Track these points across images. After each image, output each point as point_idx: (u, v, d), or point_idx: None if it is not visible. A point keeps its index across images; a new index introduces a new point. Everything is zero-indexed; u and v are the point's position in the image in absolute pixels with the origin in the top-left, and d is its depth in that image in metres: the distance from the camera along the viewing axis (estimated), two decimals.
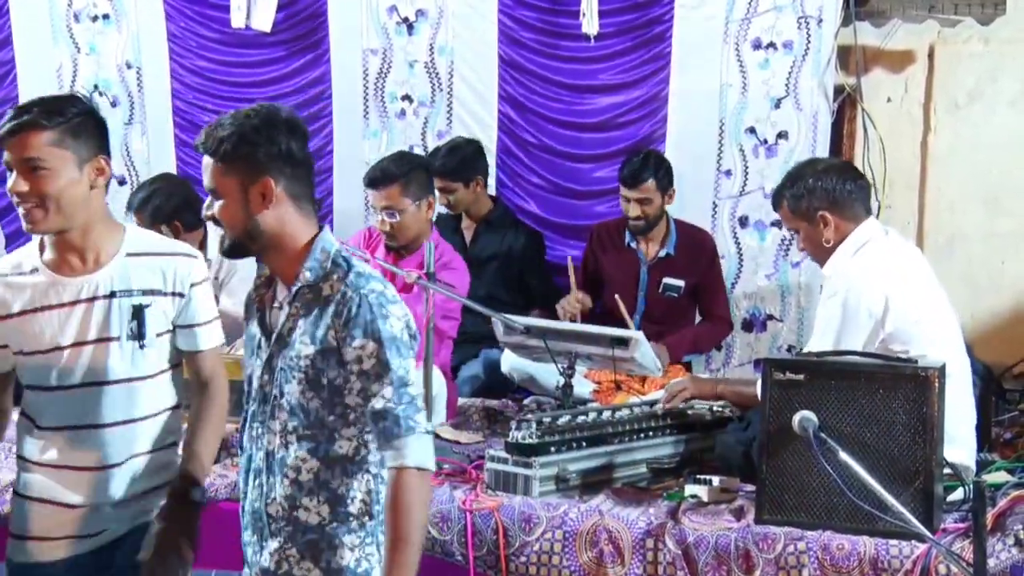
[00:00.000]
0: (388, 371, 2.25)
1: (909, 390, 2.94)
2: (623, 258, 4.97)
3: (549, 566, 3.07)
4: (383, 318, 2.26)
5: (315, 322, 2.30)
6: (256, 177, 2.35)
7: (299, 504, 2.33)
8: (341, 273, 2.31)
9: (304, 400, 2.31)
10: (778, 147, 5.09)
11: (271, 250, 2.37)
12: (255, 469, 2.39)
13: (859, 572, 2.85)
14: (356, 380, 2.27)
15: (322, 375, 2.29)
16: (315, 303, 2.31)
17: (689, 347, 4.90)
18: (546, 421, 3.44)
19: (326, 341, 2.28)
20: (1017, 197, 4.96)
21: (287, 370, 2.32)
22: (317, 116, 5.73)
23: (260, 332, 2.40)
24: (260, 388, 2.37)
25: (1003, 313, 4.97)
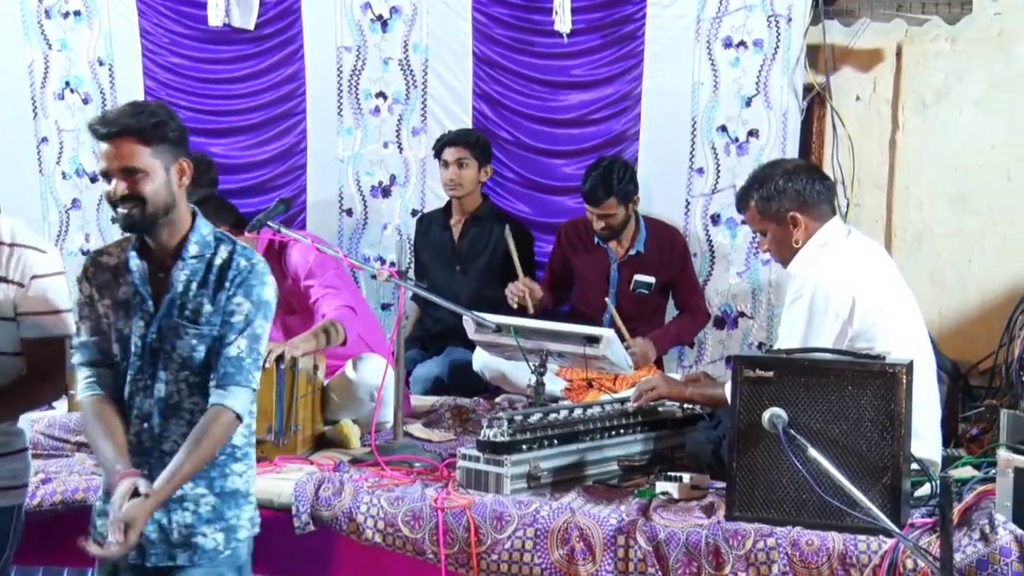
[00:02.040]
0: (250, 326, 2.63)
1: (877, 387, 2.95)
2: (593, 257, 4.96)
3: (520, 564, 3.06)
4: (262, 285, 2.65)
5: (210, 285, 2.64)
6: (178, 157, 2.67)
7: None
8: (229, 245, 2.69)
9: (196, 352, 2.63)
10: (749, 145, 5.10)
11: (169, 225, 2.66)
12: (143, 414, 2.62)
13: (828, 568, 2.86)
14: (223, 328, 2.61)
15: (214, 329, 2.62)
16: (208, 270, 2.66)
17: (673, 340, 4.92)
18: (518, 419, 3.43)
19: (216, 300, 2.63)
20: (983, 195, 4.98)
21: (180, 327, 2.63)
22: (291, 113, 5.70)
23: (143, 296, 2.64)
24: (146, 345, 2.63)
25: (969, 311, 4.99)
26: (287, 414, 3.67)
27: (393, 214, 5.61)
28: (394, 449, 3.67)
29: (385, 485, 3.33)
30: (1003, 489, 2.86)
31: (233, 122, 5.80)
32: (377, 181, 5.62)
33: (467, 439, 3.99)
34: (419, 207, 5.56)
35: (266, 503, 3.27)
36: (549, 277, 5.11)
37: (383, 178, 5.61)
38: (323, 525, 3.22)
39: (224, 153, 5.68)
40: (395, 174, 5.59)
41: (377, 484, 3.34)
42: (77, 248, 6.01)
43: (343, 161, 5.65)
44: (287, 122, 5.72)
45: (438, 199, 5.45)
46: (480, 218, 5.22)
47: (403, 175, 5.59)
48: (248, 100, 5.76)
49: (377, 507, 3.20)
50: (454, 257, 5.21)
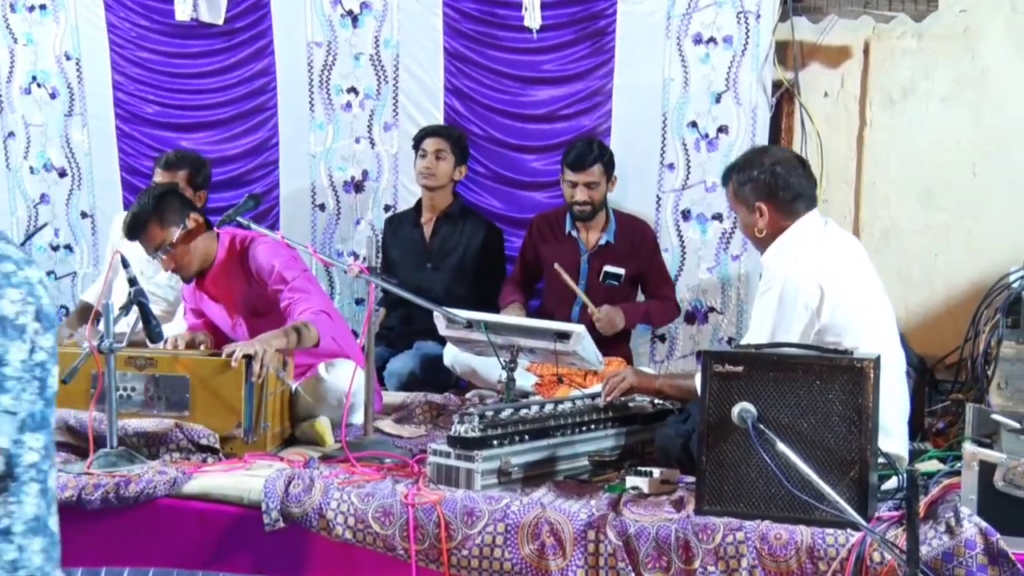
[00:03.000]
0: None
1: (845, 381, 2.95)
2: (563, 247, 4.96)
3: (491, 559, 3.05)
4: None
5: None
6: None
7: None
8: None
9: None
10: (719, 141, 5.10)
11: None
12: None
13: (796, 561, 2.86)
14: None
15: None
16: None
17: (642, 316, 4.92)
18: (488, 415, 3.41)
19: None
20: (949, 191, 5.01)
21: None
22: (262, 108, 5.67)
23: None
24: None
25: (936, 305, 5.03)
26: (256, 412, 3.64)
27: (366, 209, 5.59)
28: (365, 445, 3.64)
29: (355, 481, 3.32)
30: (968, 482, 2.86)
31: (203, 117, 5.76)
32: (349, 176, 5.60)
33: (438, 435, 3.98)
34: (392, 203, 5.55)
35: (236, 500, 3.28)
36: (520, 270, 5.10)
37: (355, 173, 5.59)
38: (293, 522, 3.19)
39: (195, 148, 5.62)
40: (367, 169, 5.58)
41: (347, 480, 3.32)
42: (46, 243, 5.96)
43: (315, 156, 5.62)
44: (258, 117, 5.68)
45: (411, 194, 5.44)
46: (451, 216, 5.22)
47: (375, 170, 5.57)
48: (218, 95, 5.72)
49: (347, 503, 3.18)
50: (425, 255, 5.20)
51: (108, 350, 3.47)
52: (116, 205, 5.79)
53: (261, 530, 3.20)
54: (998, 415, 3.28)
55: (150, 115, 5.81)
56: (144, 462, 3.50)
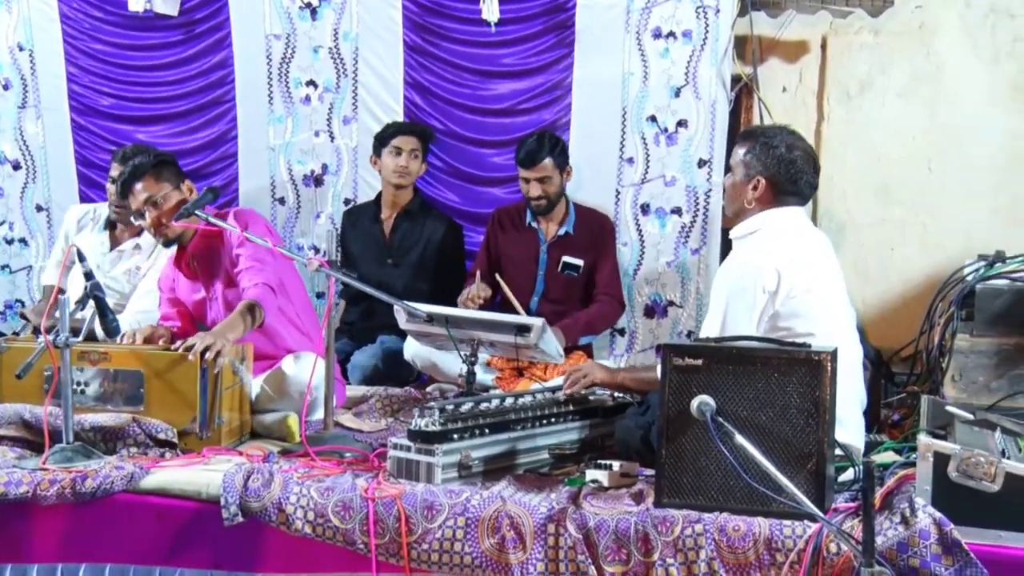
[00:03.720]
0: None
1: (803, 374, 2.96)
2: (523, 238, 4.97)
3: (451, 552, 3.04)
4: None
5: None
6: None
7: None
8: None
9: None
10: (678, 135, 5.12)
11: None
12: None
13: (754, 552, 2.87)
14: None
15: None
16: None
17: (583, 329, 4.90)
18: (449, 408, 3.41)
19: None
20: (905, 186, 5.06)
21: None
22: (220, 101, 5.63)
23: None
24: None
25: (892, 299, 5.07)
26: (211, 406, 3.62)
27: (326, 203, 5.57)
28: (324, 439, 3.64)
29: (315, 475, 3.30)
30: (923, 473, 2.89)
31: (160, 109, 5.71)
32: (309, 170, 5.57)
33: (398, 429, 3.97)
34: (352, 196, 5.53)
35: (194, 495, 3.25)
36: (483, 263, 5.08)
37: (315, 167, 5.56)
38: (252, 516, 3.17)
39: (152, 140, 5.59)
40: (327, 163, 5.55)
41: (307, 475, 3.30)
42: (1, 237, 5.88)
43: (274, 150, 5.58)
44: (216, 110, 5.64)
45: (371, 188, 5.42)
46: (411, 212, 5.21)
47: (335, 164, 5.54)
48: (176, 88, 5.67)
49: (307, 498, 3.16)
50: (386, 251, 5.19)
51: (63, 344, 3.43)
52: (72, 198, 5.72)
53: (219, 525, 3.17)
54: (952, 407, 3.32)
55: (105, 107, 5.74)
56: (101, 457, 3.46)
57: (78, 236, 4.87)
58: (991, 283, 3.69)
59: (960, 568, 2.74)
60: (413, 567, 3.06)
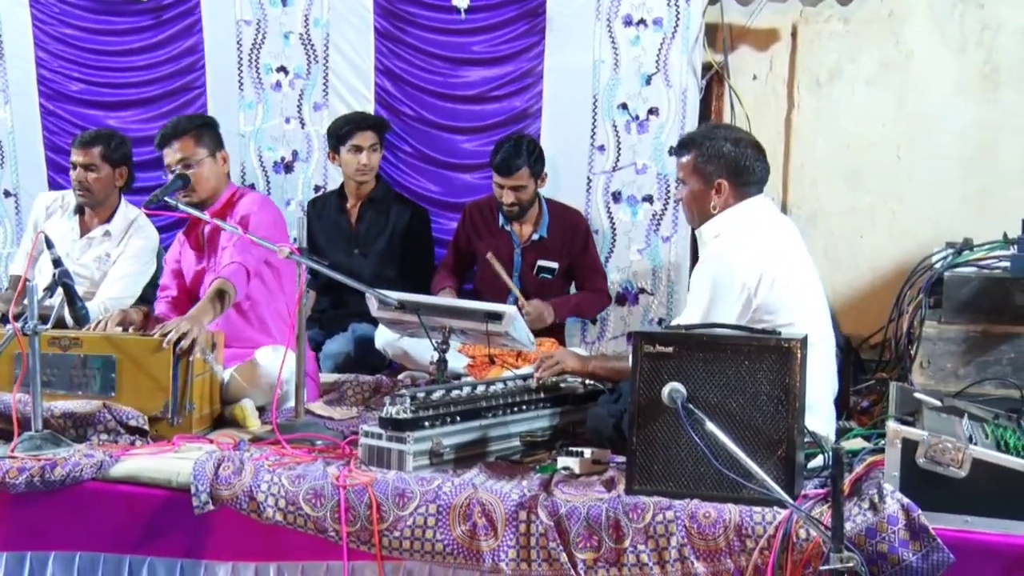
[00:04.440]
0: None
1: (772, 361, 2.97)
2: (497, 241, 4.95)
3: (423, 540, 3.04)
4: None
5: None
6: None
7: None
8: None
9: None
10: (649, 123, 5.12)
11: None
12: None
13: (724, 539, 2.88)
14: None
15: None
16: None
17: (572, 309, 4.93)
18: (420, 396, 3.40)
19: None
20: (875, 173, 5.08)
21: None
22: (190, 87, 5.60)
23: None
24: None
25: (861, 286, 5.10)
26: (181, 393, 3.61)
27: (296, 190, 5.54)
28: (295, 427, 3.62)
29: (286, 463, 3.29)
30: (891, 460, 2.89)
31: (130, 95, 5.66)
32: (279, 157, 5.55)
33: (369, 416, 3.96)
34: (322, 183, 5.50)
35: (164, 483, 3.23)
36: (453, 257, 5.07)
37: (285, 154, 5.53)
38: (223, 504, 3.15)
39: (122, 126, 5.54)
40: (297, 150, 5.52)
41: (278, 462, 3.29)
42: None
43: (244, 136, 5.54)
44: (186, 95, 5.60)
45: (341, 176, 5.38)
46: (375, 200, 5.18)
47: (305, 151, 5.52)
48: (145, 73, 5.63)
49: (278, 485, 3.14)
50: (352, 240, 5.16)
51: (32, 331, 3.40)
52: (40, 184, 5.66)
53: (190, 513, 3.15)
54: (920, 394, 3.33)
55: (75, 93, 5.68)
56: (70, 445, 3.43)
57: (47, 223, 4.81)
58: (959, 271, 3.70)
59: (927, 553, 2.76)
60: (384, 554, 3.06)
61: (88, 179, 4.69)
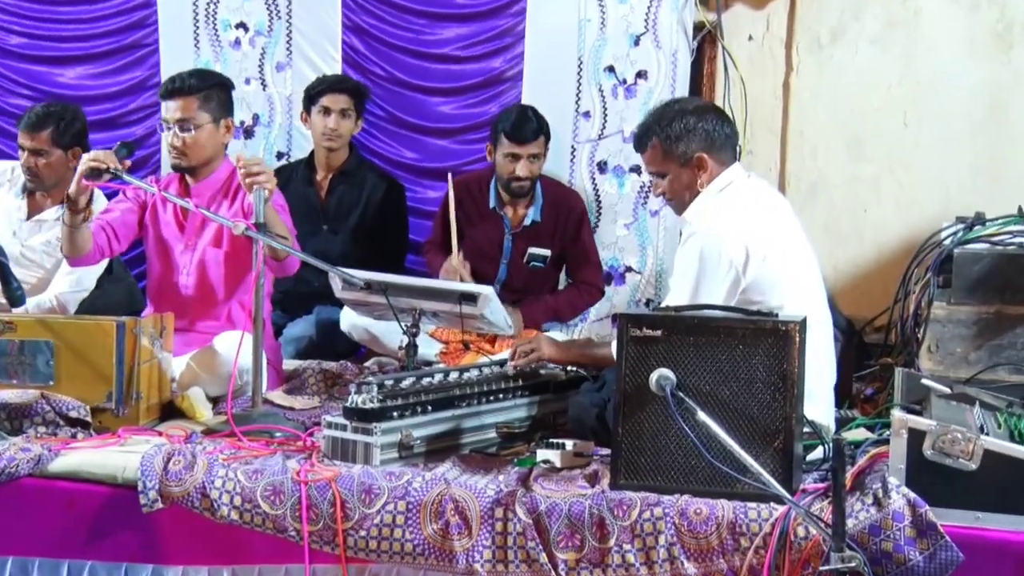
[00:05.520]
0: None
1: (769, 345, 2.96)
2: (487, 224, 4.89)
3: (391, 539, 3.02)
4: None
5: None
6: None
7: None
8: None
9: None
10: (637, 87, 5.09)
11: None
12: None
13: (717, 537, 2.88)
14: None
15: None
16: None
17: (549, 315, 4.89)
18: (388, 384, 3.39)
19: None
20: (879, 140, 5.06)
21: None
22: (140, 44, 5.55)
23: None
24: None
25: (865, 263, 5.09)
26: (127, 381, 3.58)
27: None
28: (252, 418, 3.59)
29: (242, 457, 3.27)
30: (897, 451, 2.89)
31: (75, 49, 5.61)
32: (239, 121, 5.46)
33: (333, 406, 3.95)
34: (285, 150, 5.47)
35: (108, 479, 3.21)
36: (441, 233, 4.98)
37: (245, 117, 5.49)
38: (173, 502, 3.13)
39: (69, 83, 5.53)
40: (259, 113, 5.49)
41: (233, 456, 3.27)
42: None
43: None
44: (136, 53, 5.56)
45: (307, 141, 5.36)
46: (347, 172, 5.15)
47: (267, 115, 5.48)
48: (91, 26, 5.58)
49: (233, 481, 3.13)
50: (321, 216, 5.12)
51: None
52: None
53: (137, 512, 3.13)
54: (928, 380, 3.34)
55: (14, 47, 5.64)
56: (4, 438, 3.39)
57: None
58: (970, 247, 3.71)
59: (935, 552, 2.76)
60: (349, 555, 3.04)
61: (37, 165, 4.63)
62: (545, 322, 4.88)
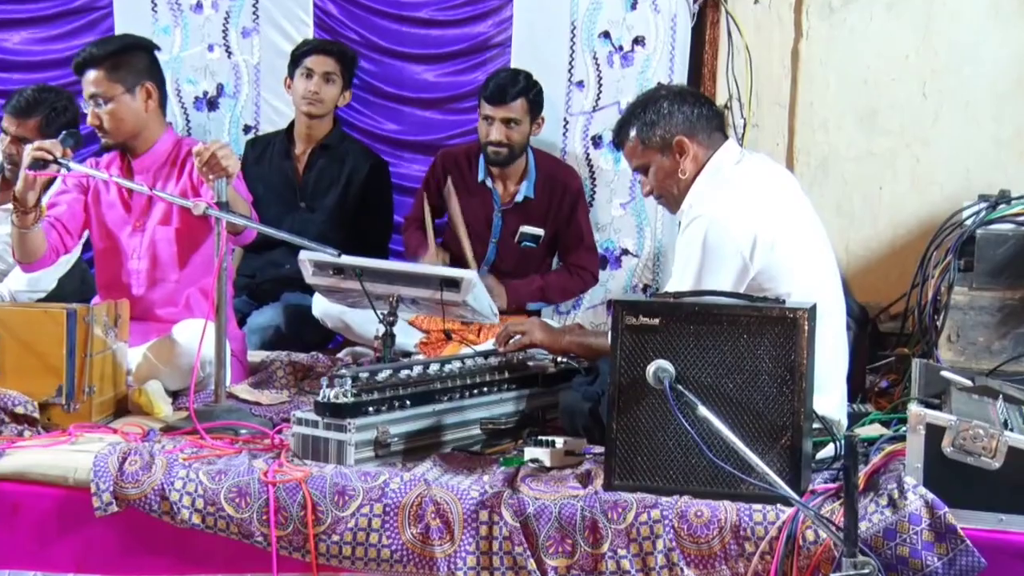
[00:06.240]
0: None
1: (775, 335, 2.96)
2: (474, 200, 4.91)
3: (367, 545, 3.03)
4: None
5: None
6: None
7: None
8: None
9: None
10: (634, 55, 5.12)
11: None
12: None
13: (719, 541, 2.89)
14: None
15: None
16: None
17: (536, 294, 4.91)
18: (363, 377, 3.39)
19: None
20: (896, 113, 5.07)
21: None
22: (92, 7, 5.57)
23: None
24: None
25: (880, 246, 5.11)
26: (78, 374, 3.58)
27: (221, 130, 5.52)
28: (215, 414, 3.60)
29: (205, 456, 3.28)
30: (914, 449, 2.90)
31: (20, 11, 5.62)
32: (201, 91, 5.54)
33: (303, 401, 3.97)
34: (252, 123, 5.50)
35: (59, 481, 3.21)
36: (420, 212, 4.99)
37: (208, 88, 5.52)
38: (129, 505, 3.14)
39: (13, 48, 5.54)
40: (223, 83, 5.51)
41: (195, 455, 3.28)
42: None
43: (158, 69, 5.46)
44: (89, 16, 5.58)
45: (276, 114, 5.39)
46: (329, 147, 5.14)
47: (232, 85, 5.50)
48: None
49: (195, 483, 3.13)
50: (298, 193, 5.12)
51: None
52: None
53: (90, 516, 3.13)
54: (948, 372, 3.35)
55: None
56: None
57: None
58: (993, 227, 3.74)
59: (955, 557, 2.77)
60: (321, 563, 3.05)
61: (19, 153, 4.57)
62: (531, 302, 4.91)
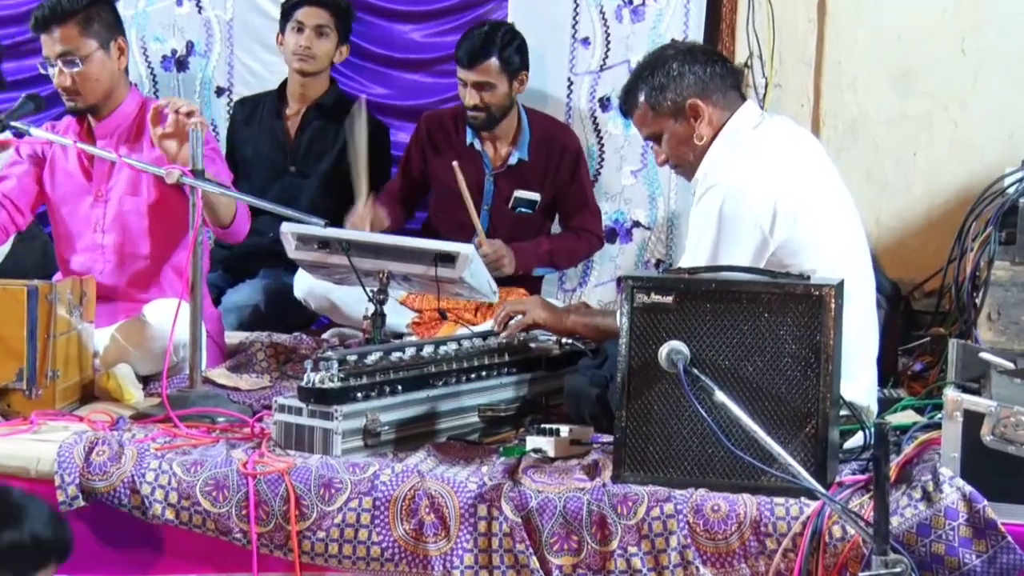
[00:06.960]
0: None
1: (799, 314, 2.97)
2: (463, 164, 4.88)
3: (355, 542, 3.05)
4: None
5: None
6: None
7: None
8: None
9: None
10: (645, 9, 5.12)
11: None
12: None
13: (738, 538, 2.90)
14: None
15: None
16: None
17: (543, 258, 4.92)
18: (351, 360, 3.40)
19: None
20: (931, 72, 5.06)
21: None
22: None
23: None
24: None
25: (914, 217, 5.11)
26: (41, 357, 3.58)
27: (192, 92, 5.52)
28: (190, 400, 3.61)
29: (179, 446, 3.29)
30: (950, 437, 2.91)
31: None
32: (169, 50, 5.55)
33: (286, 386, 3.98)
34: (226, 84, 5.51)
35: (20, 472, 3.22)
36: (401, 185, 5.01)
37: (177, 46, 5.54)
38: (97, 499, 3.15)
39: None
40: (193, 41, 5.52)
41: (168, 445, 3.29)
42: None
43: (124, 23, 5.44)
44: None
45: (251, 74, 5.42)
46: (324, 107, 5.15)
47: (204, 43, 5.51)
48: None
49: (168, 475, 3.15)
50: (289, 156, 5.13)
51: None
52: None
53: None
54: (987, 353, 3.35)
55: None
56: None
57: None
58: None
59: (995, 555, 2.78)
60: (305, 561, 3.07)
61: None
62: (538, 267, 4.92)
